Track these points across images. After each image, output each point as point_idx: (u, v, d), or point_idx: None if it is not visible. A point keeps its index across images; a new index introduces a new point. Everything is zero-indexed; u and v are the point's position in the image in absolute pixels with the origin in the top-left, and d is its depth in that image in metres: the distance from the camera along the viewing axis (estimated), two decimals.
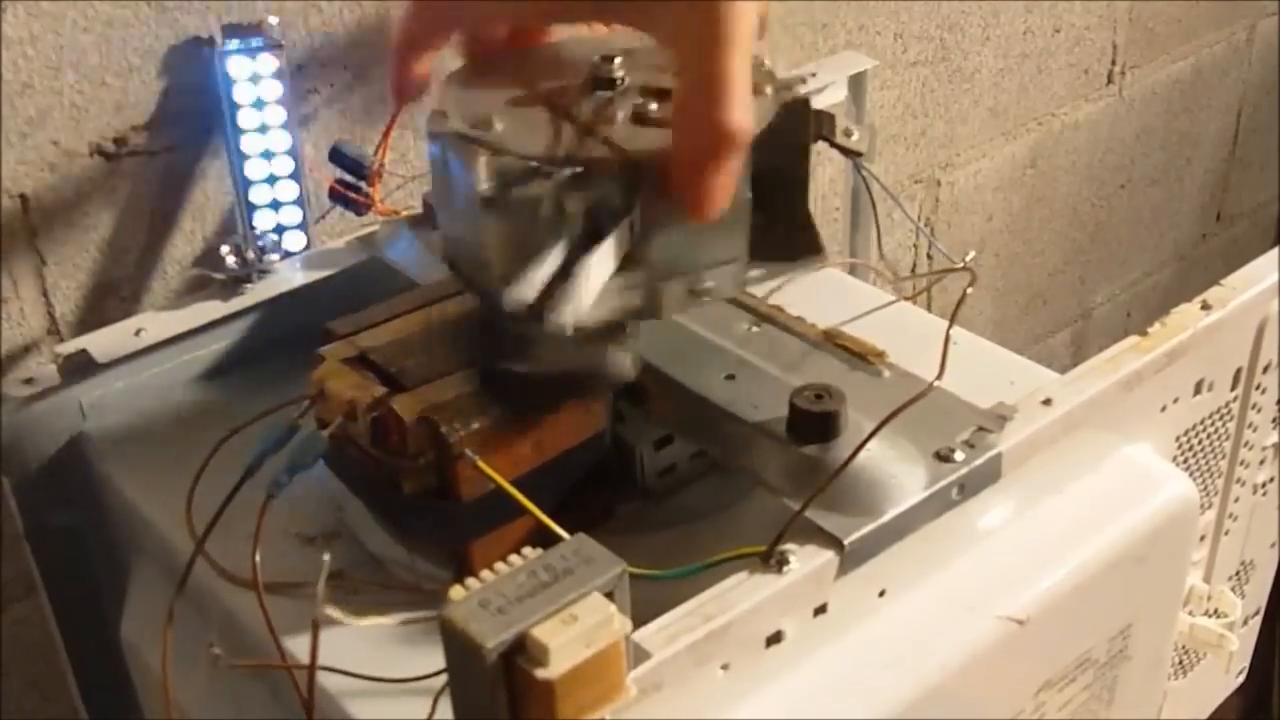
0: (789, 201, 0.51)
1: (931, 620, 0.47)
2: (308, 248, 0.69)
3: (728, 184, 0.44)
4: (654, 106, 0.46)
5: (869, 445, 0.46)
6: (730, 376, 0.52)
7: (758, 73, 0.46)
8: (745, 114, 0.43)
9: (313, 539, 0.53)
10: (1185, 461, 0.59)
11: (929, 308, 0.89)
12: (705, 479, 0.55)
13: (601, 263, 0.44)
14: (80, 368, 0.59)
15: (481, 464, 0.46)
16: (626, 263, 0.45)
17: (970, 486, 0.48)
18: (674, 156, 0.44)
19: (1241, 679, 0.71)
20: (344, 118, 0.73)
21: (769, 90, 0.48)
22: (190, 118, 0.68)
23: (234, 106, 0.65)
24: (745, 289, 0.55)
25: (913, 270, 1.12)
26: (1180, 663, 0.64)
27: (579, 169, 0.44)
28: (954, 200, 1.15)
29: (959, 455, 0.48)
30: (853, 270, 0.75)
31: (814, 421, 0.48)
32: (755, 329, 0.55)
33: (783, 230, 0.50)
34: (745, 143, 0.43)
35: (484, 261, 0.46)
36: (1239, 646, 0.60)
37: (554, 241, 0.45)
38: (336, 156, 0.66)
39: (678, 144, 0.44)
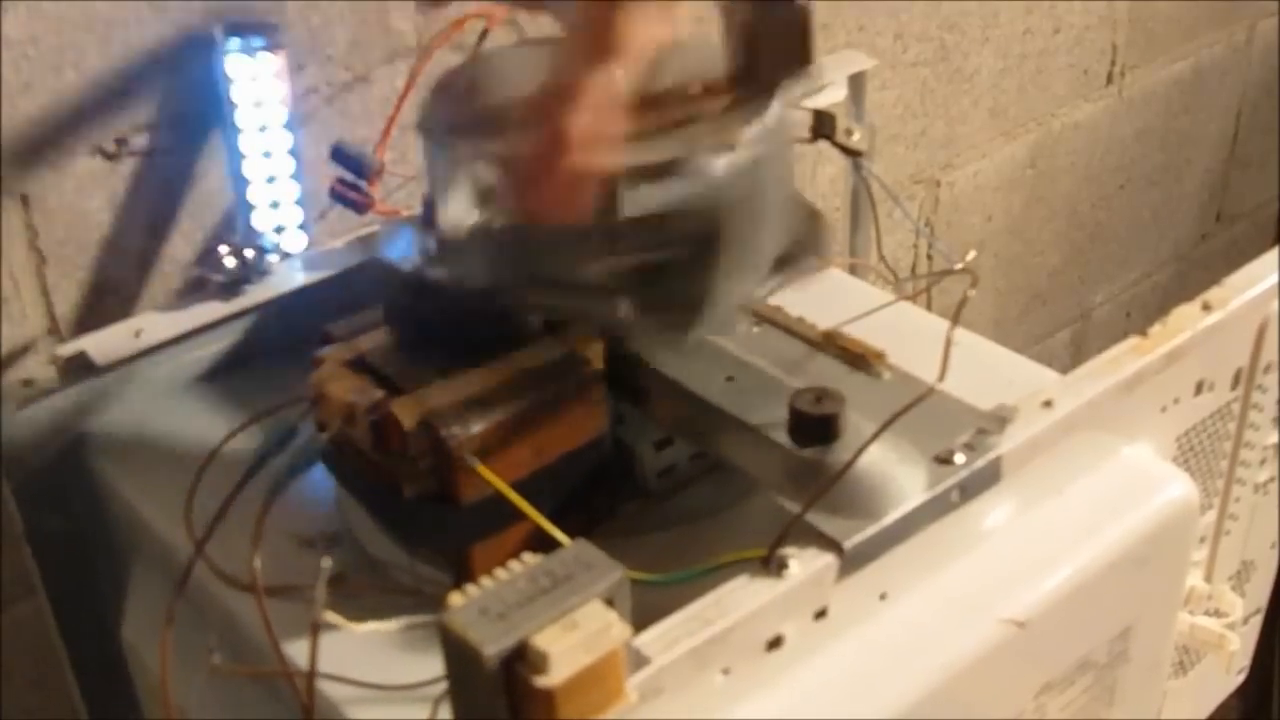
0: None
1: (932, 623, 0.47)
2: (308, 248, 0.69)
3: (555, 191, 0.42)
4: None
5: (869, 448, 0.46)
6: (730, 378, 0.52)
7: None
8: (583, 123, 0.41)
9: (313, 542, 0.53)
10: (1186, 462, 0.58)
11: (929, 308, 0.89)
12: (705, 480, 0.55)
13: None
14: (80, 368, 0.59)
15: (481, 468, 0.46)
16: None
17: (970, 489, 0.48)
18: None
19: (1242, 679, 0.71)
20: (344, 118, 0.73)
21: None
22: (190, 118, 0.68)
23: (234, 106, 0.65)
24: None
25: (913, 270, 1.12)
26: (1180, 662, 0.64)
27: None
28: (954, 200, 1.15)
29: (959, 458, 0.48)
30: (853, 270, 0.75)
31: (814, 424, 0.47)
32: (755, 330, 0.55)
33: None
34: (575, 153, 0.41)
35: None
36: (1239, 646, 0.60)
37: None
38: (337, 155, 0.66)
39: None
